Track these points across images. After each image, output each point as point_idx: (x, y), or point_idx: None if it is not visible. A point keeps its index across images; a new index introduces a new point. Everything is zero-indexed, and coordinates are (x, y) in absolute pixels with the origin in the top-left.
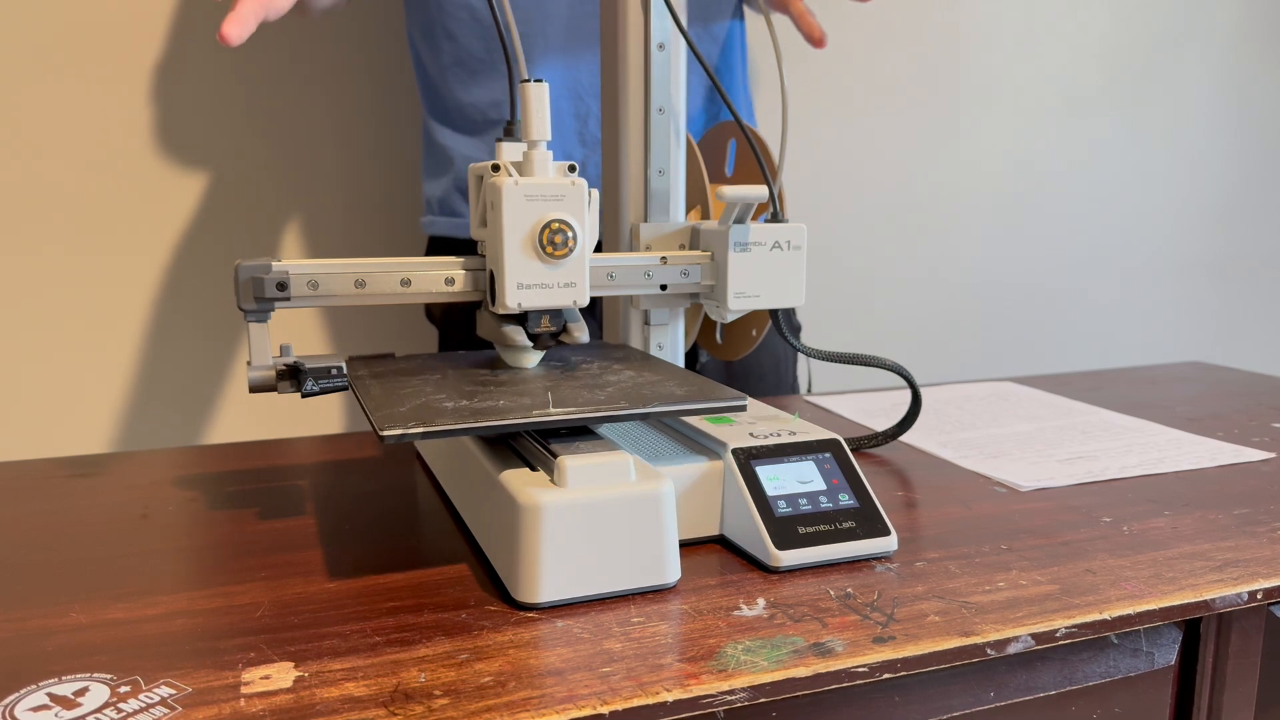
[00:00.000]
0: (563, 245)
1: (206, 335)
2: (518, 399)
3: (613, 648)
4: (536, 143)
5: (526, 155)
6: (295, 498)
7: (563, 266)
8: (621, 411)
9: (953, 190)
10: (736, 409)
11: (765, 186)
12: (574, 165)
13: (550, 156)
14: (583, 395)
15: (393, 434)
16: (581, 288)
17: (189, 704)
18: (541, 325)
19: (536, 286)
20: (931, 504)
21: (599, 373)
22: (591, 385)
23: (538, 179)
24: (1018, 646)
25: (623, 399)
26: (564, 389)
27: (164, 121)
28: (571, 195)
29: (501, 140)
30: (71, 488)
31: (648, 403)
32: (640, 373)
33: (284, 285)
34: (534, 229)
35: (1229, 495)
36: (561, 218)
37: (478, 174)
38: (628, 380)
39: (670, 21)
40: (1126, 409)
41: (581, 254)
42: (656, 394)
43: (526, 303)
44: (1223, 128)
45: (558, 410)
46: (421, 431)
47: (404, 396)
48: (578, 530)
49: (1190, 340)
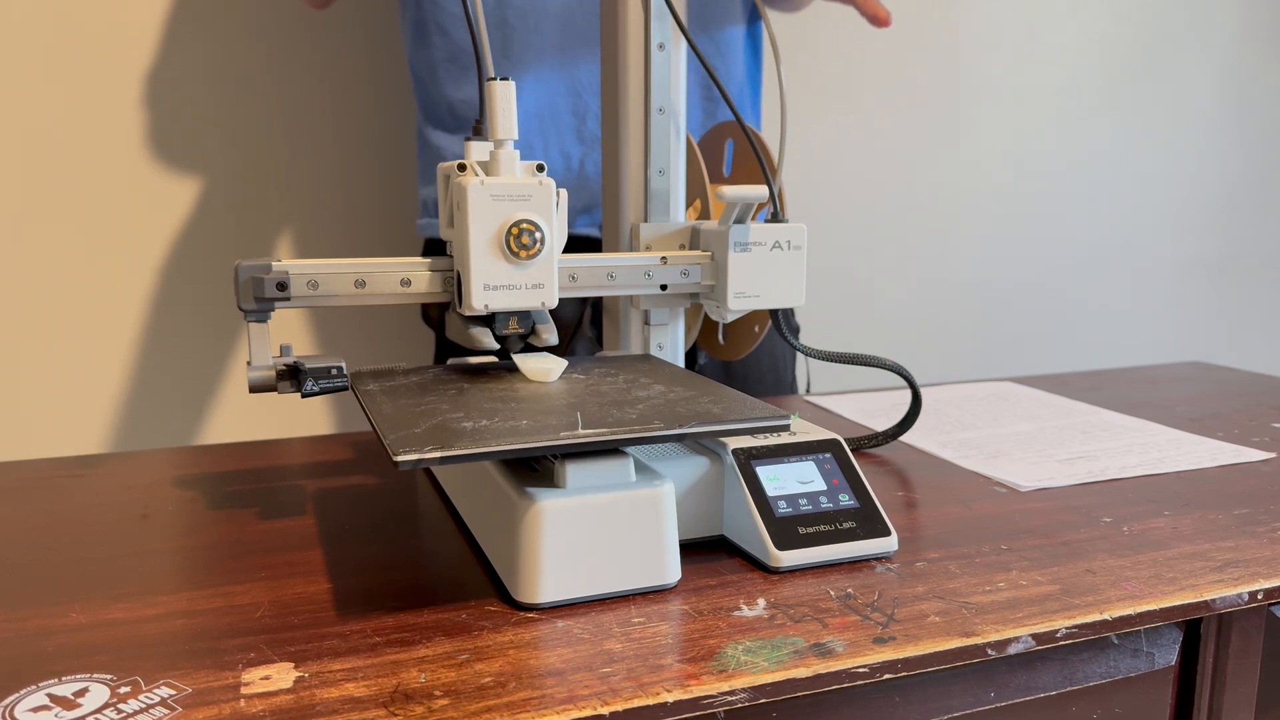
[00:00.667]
0: (530, 246)
1: (206, 335)
2: (543, 418)
3: (613, 648)
4: (503, 142)
5: (494, 154)
6: (295, 498)
7: (530, 267)
8: (659, 432)
9: (953, 190)
10: (779, 428)
11: (765, 186)
12: (542, 165)
13: (517, 156)
14: (612, 414)
15: (408, 459)
16: (550, 289)
17: (189, 704)
18: (509, 327)
19: (504, 288)
20: (931, 504)
21: (626, 388)
22: (620, 402)
23: (504, 178)
24: (1018, 647)
25: (657, 418)
26: (591, 407)
27: (163, 121)
28: (539, 195)
29: (470, 139)
30: (71, 488)
31: (684, 422)
32: (671, 388)
33: (284, 285)
34: (501, 229)
35: (1229, 495)
36: (529, 218)
37: (445, 173)
38: (658, 396)
39: (670, 21)
40: (1126, 409)
41: (550, 255)
42: (693, 412)
43: (494, 304)
44: (1223, 128)
45: (588, 431)
46: (440, 456)
47: (419, 415)
48: (578, 530)
49: (1190, 340)
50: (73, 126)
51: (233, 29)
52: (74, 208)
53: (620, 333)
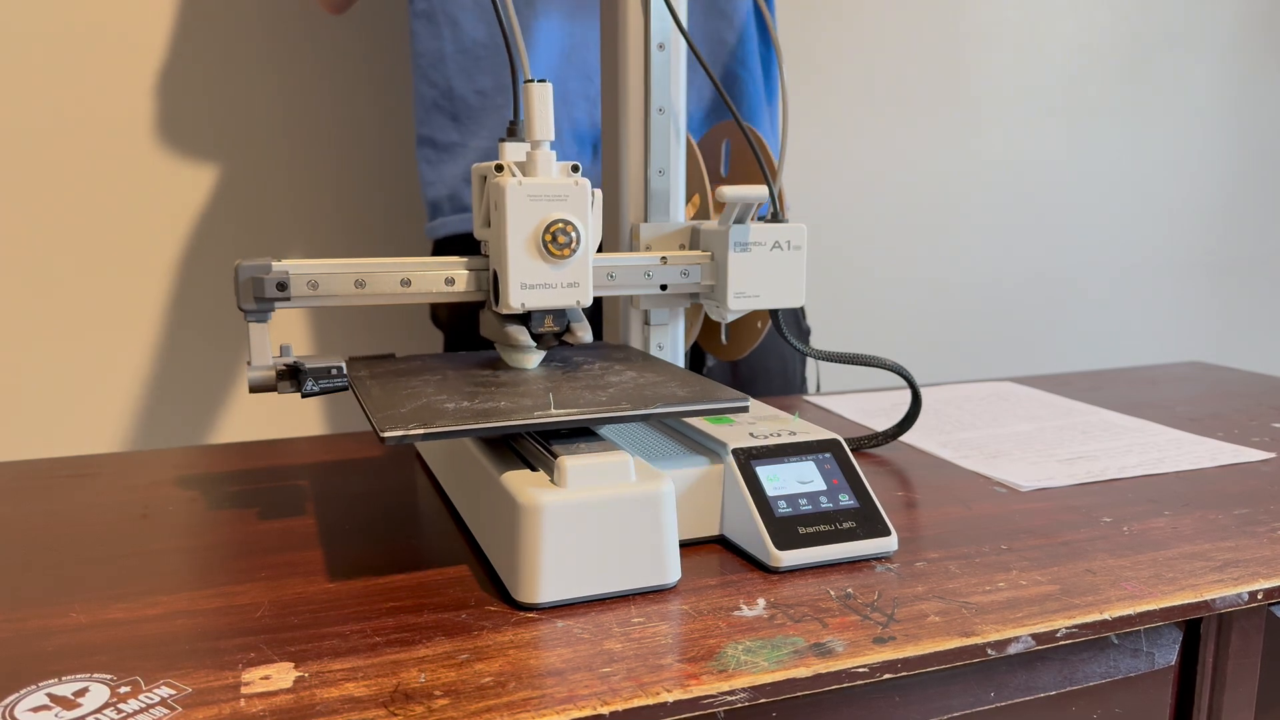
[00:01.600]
0: (566, 245)
1: (206, 335)
2: (519, 400)
3: (613, 648)
4: (540, 143)
5: (530, 155)
6: (295, 498)
7: (566, 266)
8: (623, 413)
9: (953, 190)
10: (738, 410)
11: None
12: (577, 165)
13: (554, 157)
14: (584, 396)
15: (393, 435)
16: (585, 287)
17: (189, 704)
18: (545, 325)
19: (540, 286)
20: (931, 504)
21: (600, 373)
22: (593, 386)
23: (541, 179)
24: (1018, 647)
25: (625, 400)
26: (565, 390)
27: (163, 121)
28: (575, 195)
29: (504, 140)
30: (71, 488)
31: (650, 404)
32: (642, 373)
33: (284, 285)
34: (537, 229)
35: (1229, 495)
36: (565, 217)
37: (481, 174)
38: (629, 381)
39: (670, 22)
40: (1126, 409)
41: (585, 254)
42: (659, 395)
43: (530, 303)
44: (1223, 128)
45: (560, 411)
46: (423, 433)
47: (405, 397)
48: (578, 530)
49: (1190, 340)
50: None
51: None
52: (74, 208)
53: (620, 333)
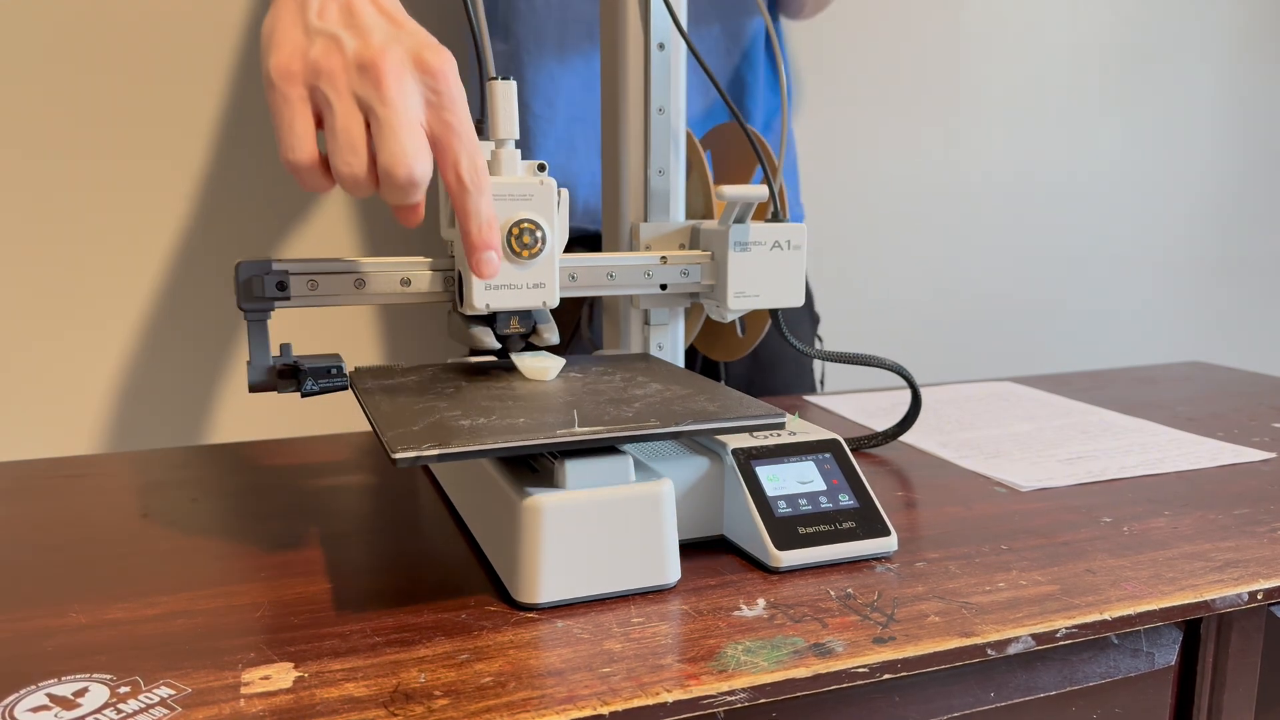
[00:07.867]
0: (531, 245)
1: (206, 335)
2: (539, 416)
3: (613, 648)
4: (504, 141)
5: (495, 154)
6: (295, 497)
7: (532, 267)
8: (653, 430)
9: (953, 190)
10: (774, 427)
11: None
12: (544, 165)
13: (519, 155)
14: (609, 412)
15: (406, 456)
16: (551, 288)
17: (189, 704)
18: (510, 326)
19: (505, 287)
20: (931, 504)
21: (623, 386)
22: (617, 400)
23: (505, 178)
24: (1018, 647)
25: (653, 416)
26: (588, 405)
27: (163, 120)
28: (540, 194)
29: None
30: (71, 488)
31: (679, 420)
32: (667, 386)
33: (284, 285)
34: (502, 229)
35: (1229, 495)
36: (530, 217)
37: None
38: (655, 394)
39: (670, 22)
40: (1126, 409)
41: (551, 254)
42: (688, 410)
43: (495, 304)
44: (1223, 128)
45: (585, 430)
46: (437, 454)
47: (417, 413)
48: (578, 530)
49: (1190, 340)
50: (71, 125)
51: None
52: (73, 206)
53: (620, 333)
